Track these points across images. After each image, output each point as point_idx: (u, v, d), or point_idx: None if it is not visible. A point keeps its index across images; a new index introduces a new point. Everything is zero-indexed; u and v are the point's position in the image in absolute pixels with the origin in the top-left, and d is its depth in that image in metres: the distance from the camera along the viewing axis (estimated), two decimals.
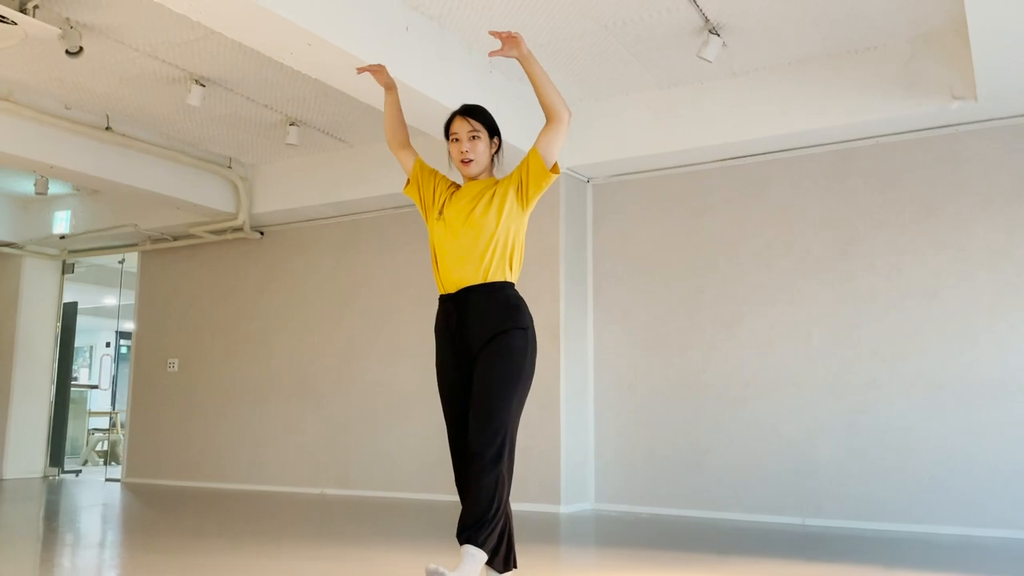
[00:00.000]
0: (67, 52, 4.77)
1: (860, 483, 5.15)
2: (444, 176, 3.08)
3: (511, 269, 2.88)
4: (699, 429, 5.68)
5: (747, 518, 5.40)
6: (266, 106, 6.13)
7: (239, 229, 7.66)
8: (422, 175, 3.05)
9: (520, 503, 5.85)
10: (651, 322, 5.96)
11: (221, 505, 6.27)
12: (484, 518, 2.66)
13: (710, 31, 4.82)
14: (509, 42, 2.85)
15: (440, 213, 2.92)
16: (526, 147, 5.59)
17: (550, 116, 2.87)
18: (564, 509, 5.74)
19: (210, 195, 7.28)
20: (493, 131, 2.98)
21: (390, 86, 3.15)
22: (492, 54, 2.95)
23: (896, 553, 4.22)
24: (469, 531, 2.67)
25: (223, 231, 7.80)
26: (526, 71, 2.88)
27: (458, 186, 3.04)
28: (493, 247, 2.83)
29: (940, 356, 5.04)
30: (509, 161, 3.26)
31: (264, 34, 4.06)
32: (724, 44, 4.95)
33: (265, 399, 7.58)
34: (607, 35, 5.00)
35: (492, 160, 3.00)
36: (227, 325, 7.94)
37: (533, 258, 6.06)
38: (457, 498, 3.04)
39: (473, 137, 2.92)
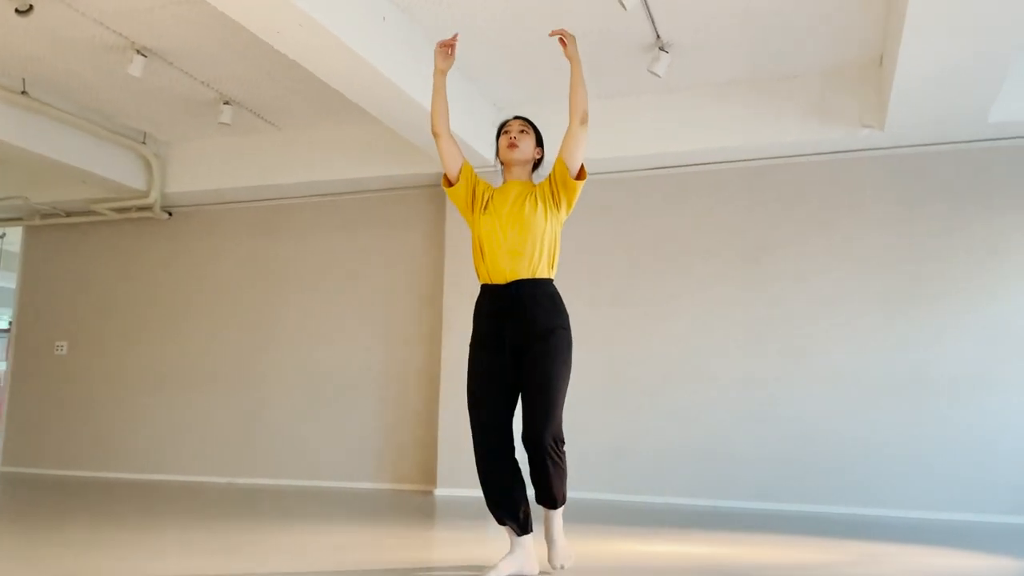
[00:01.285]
0: (16, 11, 4.53)
1: (767, 468, 5.70)
2: (482, 180, 3.29)
3: (552, 267, 3.14)
4: (620, 419, 6.06)
5: (664, 500, 5.82)
6: (203, 83, 5.99)
7: (146, 208, 7.37)
8: (470, 174, 3.24)
9: (454, 488, 6.03)
10: (577, 319, 6.25)
11: (102, 494, 6.00)
12: (557, 491, 3.06)
13: (660, 48, 5.21)
14: (568, 40, 3.18)
15: (484, 208, 3.12)
16: (474, 143, 5.82)
17: (574, 117, 3.13)
18: None
19: (120, 170, 6.97)
20: (540, 140, 3.29)
21: (446, 70, 3.28)
22: (552, 33, 3.23)
23: (798, 530, 4.71)
24: (550, 501, 3.08)
25: (127, 209, 7.48)
26: (571, 69, 3.17)
27: (492, 186, 3.26)
28: (542, 245, 3.07)
29: (838, 355, 5.66)
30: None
31: (257, 10, 4.06)
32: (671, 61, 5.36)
33: (168, 385, 7.33)
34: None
35: (533, 166, 3.27)
36: (126, 308, 7.61)
37: (466, 252, 6.26)
38: (385, 486, 3.32)
39: (522, 131, 3.22)
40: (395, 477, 6.56)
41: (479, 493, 5.82)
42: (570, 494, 5.90)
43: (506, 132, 3.24)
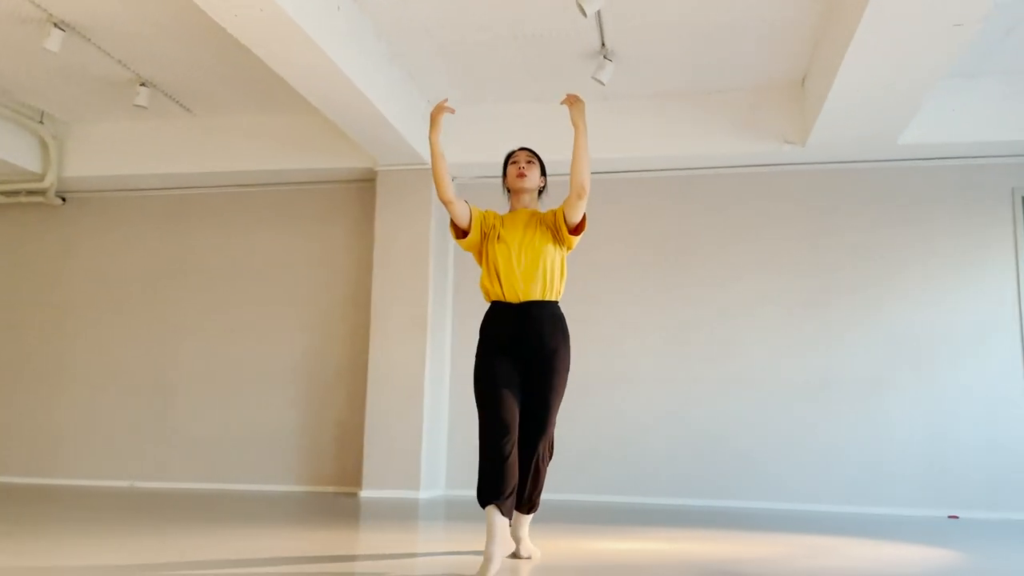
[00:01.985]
0: None
1: (685, 466, 5.93)
2: (490, 212, 3.47)
3: (560, 291, 3.39)
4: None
5: (589, 498, 5.96)
6: (120, 62, 5.64)
7: (37, 192, 6.85)
8: (479, 220, 3.40)
9: (380, 489, 5.94)
10: None
11: None
12: (536, 496, 3.35)
13: (604, 56, 5.33)
14: (575, 103, 3.33)
15: (498, 238, 3.34)
16: (409, 137, 5.77)
17: (575, 190, 3.28)
18: (423, 495, 5.92)
19: (11, 150, 6.45)
20: (543, 170, 3.54)
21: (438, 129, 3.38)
22: (563, 103, 3.39)
23: (714, 523, 4.93)
24: (527, 505, 3.35)
25: (16, 192, 6.93)
26: (575, 135, 3.30)
27: (501, 216, 3.46)
28: (552, 270, 3.33)
29: (755, 358, 5.97)
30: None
31: None
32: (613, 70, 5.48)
33: (61, 383, 6.84)
34: (514, 45, 5.32)
35: (538, 194, 3.54)
36: (15, 300, 7.04)
37: (405, 251, 6.19)
38: (304, 489, 4.83)
39: (529, 162, 3.48)
40: (315, 479, 6.39)
41: (410, 494, 5.83)
42: None
43: (514, 162, 3.49)
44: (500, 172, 6.19)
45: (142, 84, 5.90)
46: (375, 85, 5.16)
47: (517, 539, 3.39)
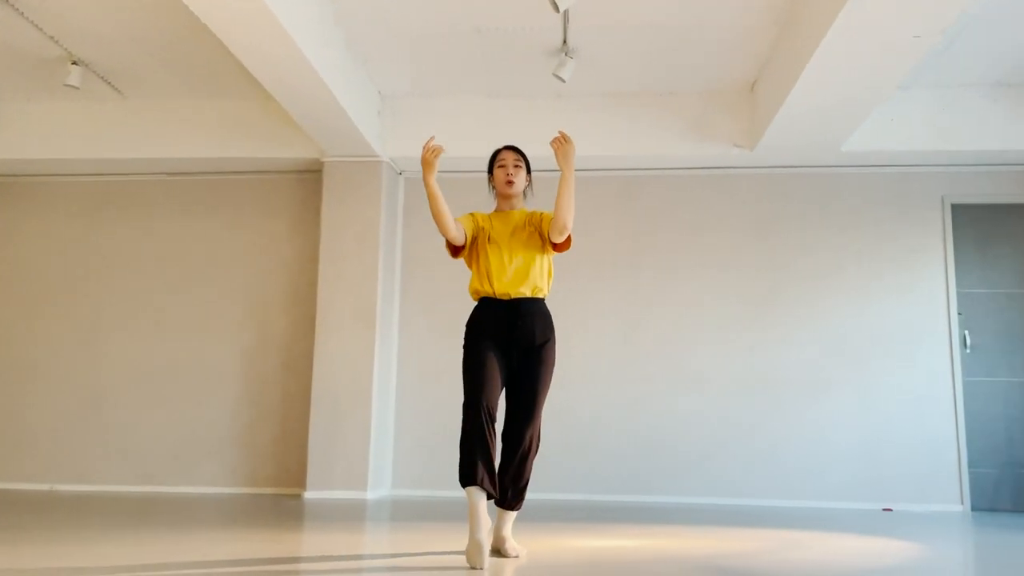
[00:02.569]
0: None
1: (636, 462, 5.99)
2: (478, 214, 3.54)
3: (547, 288, 3.51)
4: (498, 416, 6.09)
5: (541, 496, 5.93)
6: (51, 38, 5.28)
7: None
8: (471, 229, 3.46)
9: (325, 490, 5.77)
10: (456, 314, 6.23)
11: None
12: (523, 491, 3.41)
13: (565, 54, 5.32)
14: (563, 145, 3.33)
15: (489, 239, 3.45)
16: (361, 127, 5.63)
17: (556, 227, 3.34)
18: (371, 495, 5.78)
19: None
20: (529, 169, 3.59)
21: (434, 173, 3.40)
22: (553, 143, 3.37)
23: (671, 519, 5.00)
24: (514, 500, 3.39)
25: None
26: (561, 177, 3.32)
27: (490, 216, 3.54)
28: (540, 268, 3.45)
29: (703, 357, 6.09)
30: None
31: None
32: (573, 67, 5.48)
33: None
34: (475, 38, 5.25)
35: (524, 192, 3.60)
36: None
37: (353, 245, 6.03)
38: (243, 491, 5.04)
39: (516, 166, 3.52)
40: (254, 480, 6.15)
41: (357, 495, 5.67)
42: (446, 493, 5.90)
43: (502, 166, 3.51)
44: (452, 168, 6.26)
45: (74, 63, 5.55)
46: (333, 72, 5.00)
47: (501, 538, 3.38)
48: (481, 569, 3.00)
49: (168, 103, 6.22)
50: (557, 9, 4.46)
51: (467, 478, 3.17)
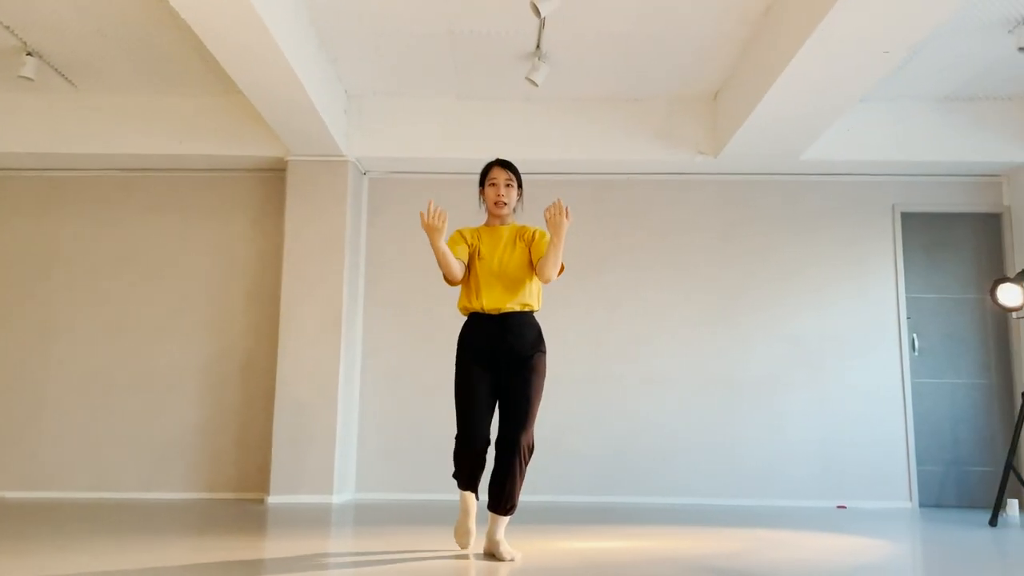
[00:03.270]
0: None
1: (601, 464, 6.07)
2: (469, 229, 3.59)
3: (538, 300, 3.58)
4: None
5: None
6: (7, 27, 5.06)
7: None
8: (466, 254, 3.51)
9: (290, 495, 5.67)
10: (422, 317, 6.23)
11: None
12: (515, 496, 3.44)
13: (539, 58, 5.35)
14: (559, 218, 3.28)
15: (479, 255, 3.50)
16: (331, 127, 5.54)
17: (540, 277, 3.47)
18: (336, 499, 5.70)
19: None
20: (520, 184, 3.62)
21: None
22: (548, 211, 3.33)
23: (635, 521, 5.11)
24: (506, 505, 3.43)
25: None
26: (550, 242, 3.36)
27: (478, 230, 3.59)
28: (530, 285, 3.52)
29: (667, 359, 6.19)
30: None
31: None
32: (547, 71, 5.51)
33: None
34: (448, 40, 5.23)
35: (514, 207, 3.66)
36: None
37: (318, 246, 5.95)
38: (203, 496, 5.20)
39: (508, 185, 3.56)
40: (213, 485, 6.01)
41: (323, 499, 5.59)
42: (411, 496, 5.87)
43: (493, 184, 3.56)
44: (415, 168, 6.24)
45: (29, 54, 5.33)
46: (307, 69, 4.92)
47: (495, 542, 3.43)
48: (466, 549, 3.50)
49: (125, 97, 6.03)
50: (538, 14, 4.49)
51: (463, 483, 3.54)
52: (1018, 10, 4.70)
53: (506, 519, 3.47)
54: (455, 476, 3.56)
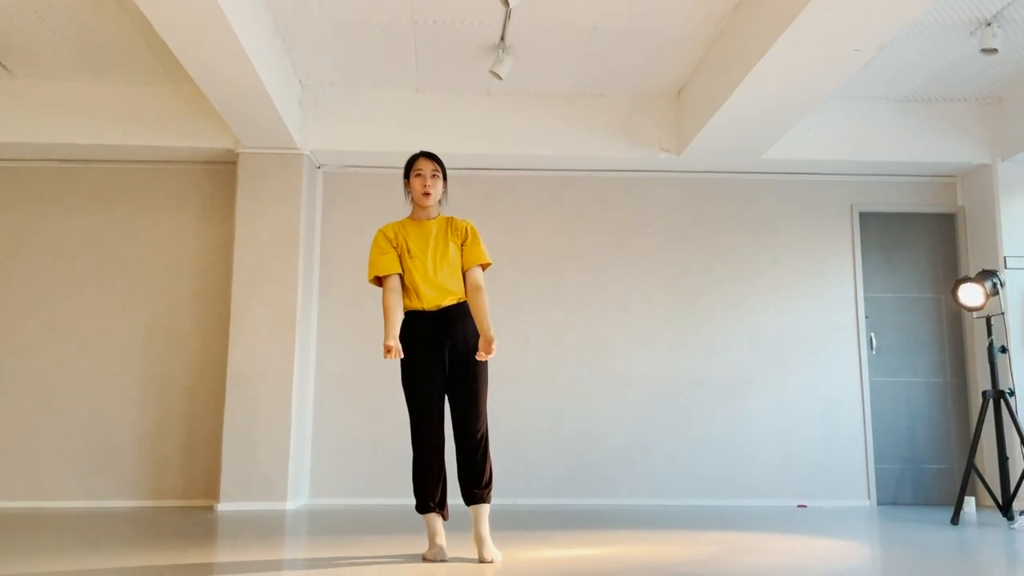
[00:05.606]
0: None
1: (562, 466, 5.96)
2: (391, 228, 3.55)
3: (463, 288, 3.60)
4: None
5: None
6: None
7: None
8: (393, 253, 3.50)
9: (241, 502, 5.45)
10: (378, 316, 6.02)
11: None
12: (489, 483, 3.47)
13: (503, 51, 5.21)
14: (487, 350, 3.39)
15: (409, 252, 3.49)
16: (286, 119, 5.33)
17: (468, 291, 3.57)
18: (290, 506, 5.49)
19: None
20: (445, 176, 3.63)
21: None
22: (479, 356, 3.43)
23: (601, 525, 5.02)
24: (481, 493, 3.45)
25: None
26: (481, 329, 3.46)
27: (403, 224, 3.57)
28: (459, 275, 3.55)
29: (628, 358, 6.12)
30: None
31: None
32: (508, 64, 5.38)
33: None
34: (410, 29, 5.06)
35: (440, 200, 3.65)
36: None
37: (271, 242, 5.72)
38: (147, 504, 5.29)
39: (434, 175, 3.56)
40: (158, 492, 5.74)
41: (276, 506, 5.37)
42: (368, 501, 5.69)
43: (419, 175, 3.54)
44: (371, 162, 6.05)
45: None
46: (263, 59, 4.71)
47: (480, 540, 3.43)
48: (444, 561, 3.41)
49: (65, 84, 5.72)
50: (506, 4, 4.35)
51: (422, 507, 3.49)
52: (980, 12, 4.72)
53: (486, 508, 3.45)
54: (416, 496, 3.50)
